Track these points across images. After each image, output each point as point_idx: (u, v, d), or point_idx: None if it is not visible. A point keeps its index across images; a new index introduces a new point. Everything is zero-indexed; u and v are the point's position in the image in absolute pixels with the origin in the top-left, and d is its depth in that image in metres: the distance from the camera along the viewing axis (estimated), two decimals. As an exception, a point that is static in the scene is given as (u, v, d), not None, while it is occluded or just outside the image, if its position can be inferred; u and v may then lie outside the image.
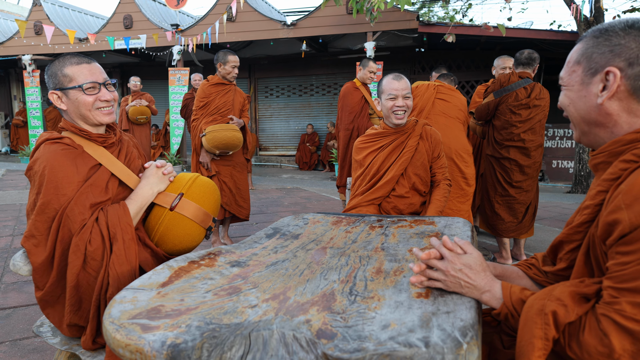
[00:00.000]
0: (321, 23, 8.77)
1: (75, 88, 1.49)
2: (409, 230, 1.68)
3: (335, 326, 0.90)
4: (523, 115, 3.50)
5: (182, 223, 1.53)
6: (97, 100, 1.52)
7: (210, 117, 3.66)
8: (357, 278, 1.17)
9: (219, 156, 3.71)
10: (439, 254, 1.09)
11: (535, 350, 0.88)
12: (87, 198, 1.41)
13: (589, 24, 7.36)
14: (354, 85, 4.71)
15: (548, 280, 1.16)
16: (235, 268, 1.25)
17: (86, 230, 1.36)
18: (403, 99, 2.26)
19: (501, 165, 3.62)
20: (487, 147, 3.77)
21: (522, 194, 3.58)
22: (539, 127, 3.54)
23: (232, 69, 3.65)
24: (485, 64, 10.47)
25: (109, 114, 1.56)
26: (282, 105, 12.00)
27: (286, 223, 1.79)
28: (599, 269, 0.96)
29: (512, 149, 3.55)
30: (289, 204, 5.99)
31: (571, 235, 1.04)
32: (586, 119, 1.02)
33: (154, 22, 9.83)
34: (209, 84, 3.72)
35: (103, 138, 1.55)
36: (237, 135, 3.61)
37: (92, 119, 1.53)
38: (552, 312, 0.88)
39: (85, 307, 1.36)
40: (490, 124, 3.72)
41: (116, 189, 1.53)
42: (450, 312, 0.96)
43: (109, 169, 1.51)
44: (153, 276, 1.16)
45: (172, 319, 0.93)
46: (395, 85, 2.27)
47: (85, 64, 1.52)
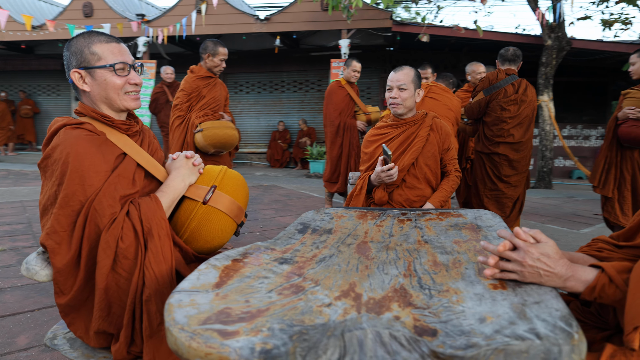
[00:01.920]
0: (295, 19, 8.67)
1: (104, 67, 1.35)
2: (440, 223, 1.64)
3: (430, 322, 0.84)
4: (512, 111, 3.59)
5: (216, 218, 1.42)
6: (127, 84, 1.39)
7: (202, 112, 3.44)
8: (418, 271, 1.11)
9: (209, 155, 3.52)
10: (511, 245, 1.05)
11: None
12: (116, 189, 1.27)
13: (552, 28, 7.61)
14: (339, 84, 4.85)
15: (624, 256, 1.14)
16: (285, 265, 1.16)
17: (117, 226, 1.22)
18: (397, 90, 2.27)
19: (491, 160, 3.69)
20: (477, 144, 3.85)
21: (511, 188, 3.67)
22: (527, 122, 3.64)
23: (221, 62, 3.46)
24: (453, 64, 10.66)
25: (136, 99, 1.43)
26: (252, 102, 11.80)
27: (311, 218, 1.70)
28: None
29: (502, 145, 3.63)
30: (269, 201, 5.88)
31: None
32: None
33: (117, 11, 9.44)
34: (196, 76, 3.48)
35: (126, 125, 1.42)
36: (235, 133, 3.45)
37: (119, 104, 1.39)
38: None
39: (115, 311, 1.22)
40: (480, 122, 3.80)
41: (143, 180, 1.39)
42: (540, 302, 0.91)
43: (135, 158, 1.38)
44: (201, 277, 1.05)
45: (248, 322, 0.84)
46: (392, 76, 2.30)
47: (115, 43, 1.38)
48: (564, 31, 7.69)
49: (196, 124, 3.40)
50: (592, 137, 10.03)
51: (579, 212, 5.66)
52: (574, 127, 10.05)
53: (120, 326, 1.22)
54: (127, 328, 1.19)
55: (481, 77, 4.57)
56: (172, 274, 1.26)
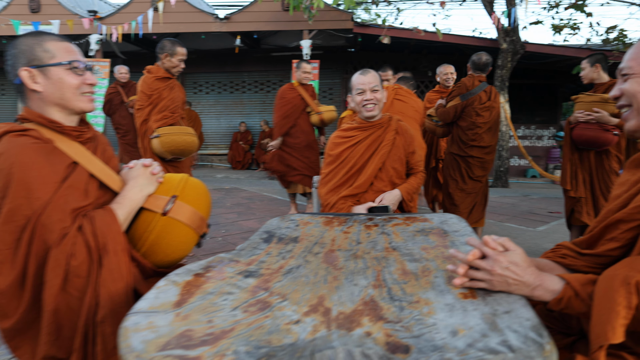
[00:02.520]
0: (256, 18, 8.55)
1: (60, 65, 1.26)
2: (407, 228, 1.62)
3: (402, 337, 0.81)
4: (486, 116, 3.82)
5: (176, 229, 1.34)
6: (83, 84, 1.31)
7: (160, 115, 3.27)
8: (387, 281, 1.09)
9: (168, 161, 3.37)
10: (479, 253, 1.04)
11: (619, 318, 0.88)
12: (67, 202, 1.18)
13: (507, 32, 7.85)
14: (291, 86, 4.88)
15: (586, 264, 1.16)
16: (250, 279, 1.11)
17: (68, 242, 1.13)
18: (371, 92, 2.26)
19: (466, 162, 3.89)
20: (451, 146, 4.04)
21: (479, 186, 3.91)
22: (495, 126, 3.90)
23: (179, 62, 3.31)
24: (413, 66, 10.82)
25: (92, 100, 1.35)
26: (213, 102, 11.58)
27: (276, 226, 1.65)
28: None
29: (475, 148, 3.85)
30: (231, 205, 5.77)
31: (634, 215, 1.06)
32: None
33: (67, 7, 9.00)
34: (154, 76, 3.31)
35: (78, 132, 1.32)
36: (194, 140, 3.31)
37: (74, 105, 1.30)
38: (637, 282, 0.89)
39: (65, 334, 1.13)
40: (454, 126, 3.97)
41: (96, 191, 1.30)
42: (511, 312, 0.90)
43: (87, 168, 1.28)
44: (160, 295, 0.99)
45: (212, 345, 0.79)
46: (362, 79, 2.27)
47: (67, 43, 1.31)
48: (518, 35, 7.94)
49: (153, 129, 3.25)
50: (545, 137, 10.41)
51: (534, 210, 5.83)
52: (527, 128, 10.40)
53: (71, 350, 1.13)
54: (78, 352, 1.11)
55: (448, 77, 4.68)
56: (129, 292, 1.18)
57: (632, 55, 1.13)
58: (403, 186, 2.35)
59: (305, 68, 4.82)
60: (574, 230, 3.58)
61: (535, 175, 10.11)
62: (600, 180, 3.36)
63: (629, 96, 1.12)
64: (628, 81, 1.12)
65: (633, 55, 1.13)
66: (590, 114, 3.21)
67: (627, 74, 1.13)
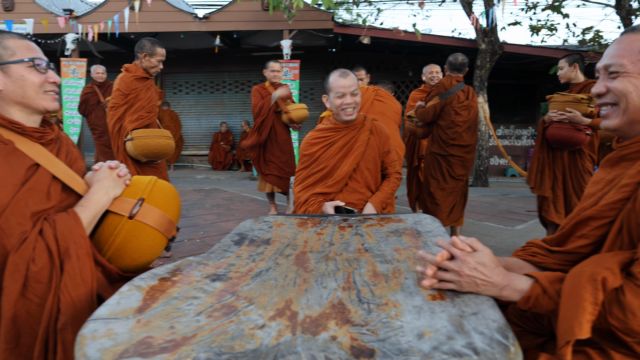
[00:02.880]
0: (235, 18, 8.49)
1: (21, 62, 1.23)
2: (381, 229, 1.61)
3: (368, 341, 0.80)
4: (464, 115, 3.85)
5: (143, 233, 1.30)
6: (46, 82, 1.28)
7: (135, 115, 3.22)
8: (357, 284, 1.07)
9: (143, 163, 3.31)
10: (448, 254, 1.03)
11: (585, 314, 0.87)
12: (27, 205, 1.14)
13: (485, 33, 7.93)
14: (262, 87, 4.87)
15: (556, 261, 1.17)
16: (218, 282, 1.08)
17: (28, 246, 1.09)
18: (351, 96, 2.24)
19: (447, 161, 3.92)
20: (431, 145, 4.06)
21: (459, 184, 3.95)
22: (474, 125, 3.93)
23: (158, 62, 3.26)
24: (394, 65, 10.87)
25: (55, 99, 1.31)
26: (193, 103, 11.46)
27: (249, 227, 1.63)
28: (630, 242, 1.00)
29: (455, 147, 3.88)
30: (210, 206, 5.70)
31: (604, 212, 1.06)
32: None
33: (42, 6, 8.80)
34: (133, 76, 3.25)
35: (39, 133, 1.28)
36: (170, 143, 3.25)
37: (37, 103, 1.27)
38: (603, 278, 0.89)
39: (25, 342, 1.09)
40: (434, 125, 4.00)
41: (59, 194, 1.26)
42: (478, 313, 0.90)
43: (50, 170, 1.24)
44: (122, 300, 0.96)
45: (171, 352, 0.76)
46: (342, 82, 2.23)
47: (27, 41, 1.27)
48: (497, 36, 8.03)
49: (128, 130, 3.19)
50: (524, 136, 10.55)
51: (513, 209, 5.90)
52: (507, 127, 10.52)
53: (31, 358, 1.09)
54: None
55: (433, 76, 4.72)
56: (93, 298, 1.15)
57: (620, 52, 1.08)
58: (377, 197, 2.35)
59: (273, 67, 4.80)
60: (550, 229, 3.64)
61: (515, 174, 10.24)
62: (574, 179, 3.41)
63: (618, 95, 1.08)
64: (618, 79, 1.08)
65: (622, 51, 1.08)
66: (563, 114, 3.26)
67: (617, 72, 1.08)
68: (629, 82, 1.06)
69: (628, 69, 1.06)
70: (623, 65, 1.07)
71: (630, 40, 1.07)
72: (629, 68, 1.06)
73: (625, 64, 1.06)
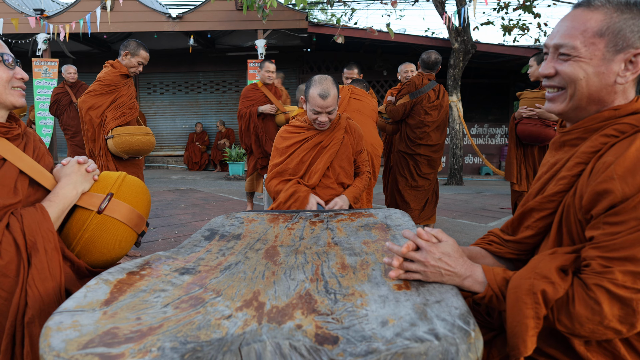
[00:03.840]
0: (209, 18, 8.43)
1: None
2: (351, 223, 1.64)
3: (332, 329, 0.81)
4: (434, 115, 3.91)
5: (112, 228, 1.30)
6: (14, 78, 1.28)
7: (119, 112, 3.23)
8: (325, 275, 1.09)
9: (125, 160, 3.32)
10: (414, 245, 1.06)
11: (528, 330, 0.89)
12: None
13: (458, 32, 8.07)
14: (255, 86, 4.86)
15: (510, 250, 1.18)
16: (186, 276, 1.09)
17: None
18: (327, 115, 2.23)
19: (414, 159, 3.98)
20: (399, 144, 4.09)
21: (427, 183, 3.99)
22: (443, 125, 3.99)
23: (138, 64, 3.27)
24: (368, 65, 10.95)
25: (22, 95, 1.31)
26: (167, 103, 11.33)
27: (220, 223, 1.63)
28: (569, 236, 0.99)
29: (422, 147, 3.93)
30: (185, 206, 5.65)
31: (544, 204, 1.06)
32: (594, 95, 0.99)
33: (12, 5, 8.61)
34: (118, 72, 3.25)
35: (5, 128, 1.27)
36: (150, 139, 3.27)
37: (5, 99, 1.26)
38: (542, 291, 0.89)
39: None
40: (403, 123, 4.04)
41: (26, 189, 1.25)
42: (441, 301, 0.92)
43: (16, 165, 1.23)
44: (89, 294, 0.96)
45: (136, 342, 0.76)
46: (319, 102, 2.18)
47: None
48: (469, 35, 8.17)
49: (109, 128, 3.19)
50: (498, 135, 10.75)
51: (487, 207, 6.01)
52: (481, 126, 10.70)
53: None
54: (5, 354, 1.06)
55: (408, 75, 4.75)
56: (61, 292, 1.14)
57: (573, 32, 0.98)
58: (350, 190, 2.38)
59: (268, 67, 4.79)
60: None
61: (489, 172, 10.43)
62: None
63: (566, 80, 1.00)
64: (568, 63, 0.99)
65: (575, 31, 0.98)
66: (532, 110, 3.33)
67: (568, 55, 0.99)
68: (579, 67, 0.97)
69: (580, 53, 0.97)
70: (575, 48, 0.97)
71: (585, 19, 0.98)
72: (581, 51, 0.97)
73: (578, 46, 0.97)
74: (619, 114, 0.97)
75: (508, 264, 1.22)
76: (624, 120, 0.95)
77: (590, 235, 0.91)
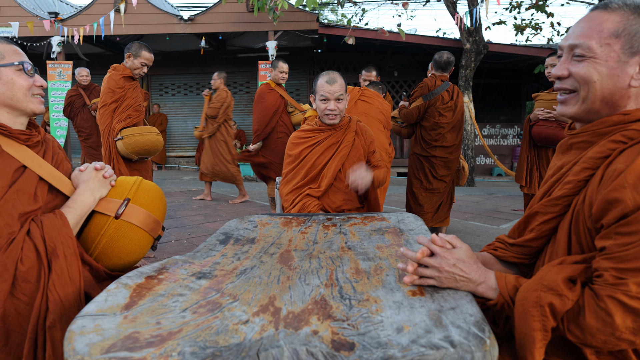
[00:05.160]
0: (220, 20, 8.49)
1: (11, 66, 1.26)
2: (364, 227, 1.65)
3: (348, 335, 0.83)
4: (448, 116, 3.87)
5: (129, 232, 1.33)
6: (34, 85, 1.32)
7: (125, 114, 3.25)
8: (339, 280, 1.10)
9: (134, 161, 3.34)
10: (428, 251, 1.06)
11: (536, 343, 0.89)
12: (14, 207, 1.16)
13: (470, 32, 8.03)
14: (269, 87, 4.79)
15: (513, 254, 1.18)
16: (203, 280, 1.11)
17: (16, 246, 1.11)
18: (335, 102, 2.25)
19: (429, 161, 3.95)
20: (414, 146, 4.08)
21: (443, 186, 3.96)
22: (459, 126, 3.95)
23: (142, 65, 3.29)
24: (379, 66, 10.92)
25: (42, 102, 1.36)
26: (179, 104, 11.43)
27: (234, 227, 1.65)
28: (578, 244, 0.98)
29: (438, 148, 3.90)
30: (197, 207, 5.70)
31: (548, 207, 1.06)
32: (607, 98, 0.98)
33: (27, 9, 8.76)
34: (121, 74, 3.28)
35: (26, 135, 1.30)
36: (159, 139, 3.28)
37: (25, 106, 1.30)
38: (549, 304, 0.88)
39: (14, 340, 1.11)
40: (418, 126, 4.02)
41: (46, 195, 1.28)
42: (456, 308, 0.93)
43: (36, 172, 1.27)
44: (109, 298, 0.98)
45: (157, 347, 0.78)
46: (327, 88, 2.23)
47: (14, 45, 1.31)
48: (481, 35, 8.13)
49: (117, 130, 3.21)
50: (510, 135, 10.69)
51: (499, 208, 5.98)
52: (492, 127, 10.65)
53: (20, 356, 1.11)
54: (28, 358, 1.09)
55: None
56: (81, 296, 1.17)
57: (589, 32, 0.97)
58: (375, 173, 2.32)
59: (282, 67, 4.73)
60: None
61: (501, 173, 10.36)
62: None
63: (579, 82, 0.99)
64: (583, 64, 0.98)
65: (590, 31, 0.97)
66: (550, 112, 3.28)
67: (583, 55, 0.97)
68: (594, 68, 0.97)
69: (595, 53, 0.96)
70: (590, 49, 0.96)
71: (601, 20, 0.97)
72: (596, 52, 0.96)
73: (593, 46, 0.96)
74: (628, 119, 0.96)
75: (513, 268, 1.22)
76: (633, 127, 0.95)
77: (602, 246, 0.89)
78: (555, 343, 0.97)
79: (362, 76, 4.62)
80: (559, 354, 0.98)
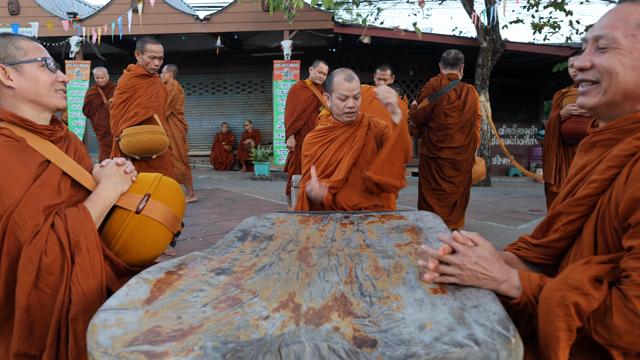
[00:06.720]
0: (236, 19, 8.53)
1: (34, 62, 1.29)
2: (382, 225, 1.63)
3: (370, 332, 0.82)
4: (455, 117, 3.76)
5: (150, 227, 1.34)
6: (56, 81, 1.34)
7: (131, 113, 3.25)
8: (359, 278, 1.10)
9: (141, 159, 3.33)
10: (450, 248, 1.05)
11: (560, 343, 0.87)
12: (39, 200, 1.18)
13: (487, 31, 7.95)
14: (304, 84, 4.85)
15: (537, 255, 1.16)
16: (223, 276, 1.11)
17: (40, 239, 1.13)
18: (353, 100, 2.27)
19: (436, 162, 3.87)
20: (422, 147, 4.02)
21: (453, 187, 3.86)
22: (469, 126, 3.82)
23: (150, 59, 3.29)
24: (394, 65, 10.88)
25: (64, 97, 1.39)
26: (194, 104, 11.51)
27: (252, 224, 1.65)
28: (604, 244, 0.96)
29: (445, 149, 3.81)
30: (212, 205, 5.73)
31: (573, 207, 1.04)
32: (630, 91, 0.96)
33: (46, 9, 8.91)
34: (132, 74, 3.31)
35: (49, 131, 1.33)
36: (162, 137, 3.24)
37: (49, 102, 1.33)
38: (574, 303, 0.86)
39: (38, 331, 1.13)
40: (425, 127, 3.96)
41: (69, 190, 1.30)
42: (479, 306, 0.91)
43: (60, 166, 1.29)
44: (130, 292, 0.98)
45: (179, 341, 0.78)
46: (346, 85, 2.25)
47: (36, 42, 1.33)
48: (498, 34, 8.04)
49: (120, 130, 3.21)
50: (527, 135, 10.56)
51: (516, 209, 5.91)
52: (509, 127, 10.53)
53: (44, 347, 1.13)
54: (51, 349, 1.11)
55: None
56: (102, 290, 1.18)
57: (614, 22, 0.96)
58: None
59: (321, 68, 4.75)
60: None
61: (518, 174, 10.25)
62: None
63: (602, 72, 0.98)
64: (606, 54, 0.97)
65: (616, 22, 0.96)
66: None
67: (607, 46, 0.96)
68: (617, 59, 0.95)
69: (620, 44, 0.95)
70: (615, 39, 0.95)
71: (628, 12, 0.96)
72: (621, 42, 0.95)
73: (618, 37, 0.95)
74: None
75: (537, 269, 1.20)
76: None
77: (629, 245, 0.87)
78: (581, 344, 0.95)
79: (377, 75, 4.60)
80: (584, 354, 0.96)
